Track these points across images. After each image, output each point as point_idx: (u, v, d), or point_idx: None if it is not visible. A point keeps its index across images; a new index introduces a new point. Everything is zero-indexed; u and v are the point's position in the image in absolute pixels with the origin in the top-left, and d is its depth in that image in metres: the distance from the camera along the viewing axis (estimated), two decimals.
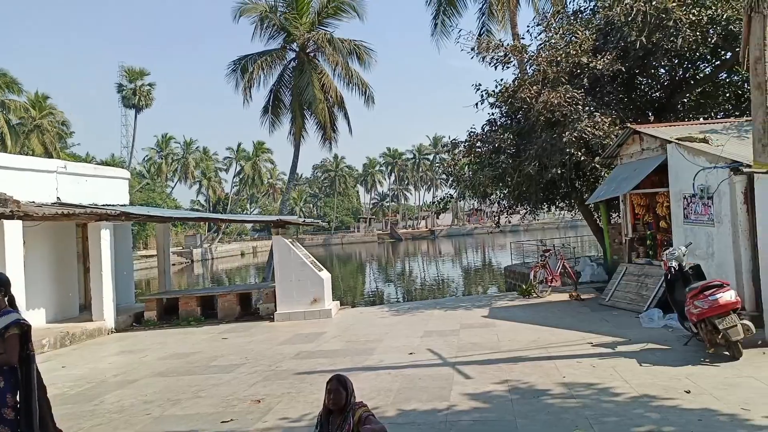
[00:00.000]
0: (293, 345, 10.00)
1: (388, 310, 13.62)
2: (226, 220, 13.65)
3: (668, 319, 9.00)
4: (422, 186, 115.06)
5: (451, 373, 7.23)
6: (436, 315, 12.12)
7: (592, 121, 12.59)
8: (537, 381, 6.57)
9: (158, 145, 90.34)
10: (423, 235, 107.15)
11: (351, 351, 9.11)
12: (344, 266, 55.99)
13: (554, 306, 12.06)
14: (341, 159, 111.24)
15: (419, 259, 57.61)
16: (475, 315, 11.67)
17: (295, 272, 13.39)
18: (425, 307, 13.47)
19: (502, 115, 16.58)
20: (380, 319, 12.20)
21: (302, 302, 13.32)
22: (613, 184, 11.19)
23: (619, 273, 11.62)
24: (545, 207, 19.47)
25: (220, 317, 13.93)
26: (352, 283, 37.91)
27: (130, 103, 73.54)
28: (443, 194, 21.05)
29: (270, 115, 24.85)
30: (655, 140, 10.58)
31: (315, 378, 7.46)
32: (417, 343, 9.27)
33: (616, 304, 11.01)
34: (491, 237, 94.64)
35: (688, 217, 9.57)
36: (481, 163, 15.01)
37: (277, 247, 13.55)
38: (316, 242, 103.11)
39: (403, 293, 29.06)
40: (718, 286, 6.77)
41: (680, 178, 9.73)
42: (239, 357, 9.34)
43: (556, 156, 13.13)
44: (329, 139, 24.12)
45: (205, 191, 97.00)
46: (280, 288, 13.38)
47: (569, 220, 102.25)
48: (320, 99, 22.52)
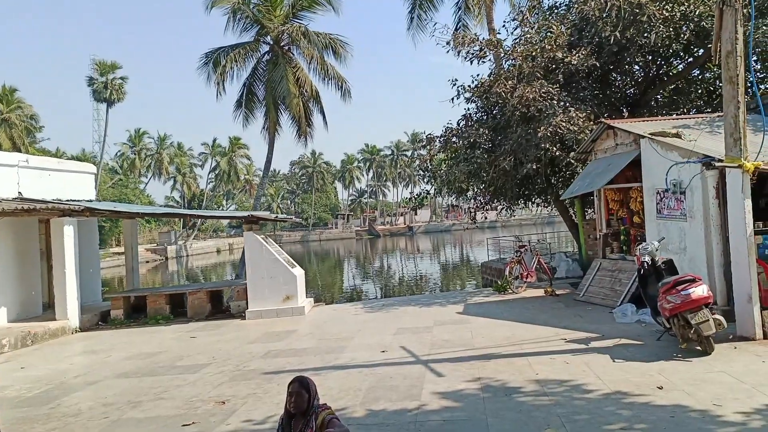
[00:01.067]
0: (263, 344, 9.74)
1: (363, 307, 13.43)
2: (197, 216, 13.27)
3: (641, 314, 8.97)
4: (400, 182, 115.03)
5: (423, 371, 7.07)
6: (410, 312, 11.97)
7: (567, 116, 12.53)
8: (509, 378, 6.44)
9: (131, 140, 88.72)
10: (401, 232, 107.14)
11: (322, 349, 8.89)
12: (322, 263, 55.64)
13: (529, 302, 12.00)
14: (319, 155, 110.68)
15: (397, 255, 57.55)
16: (449, 312, 11.55)
17: (268, 269, 13.11)
18: (400, 304, 13.31)
19: (477, 110, 16.48)
20: (353, 317, 12.01)
21: (274, 300, 13.05)
22: (588, 179, 11.16)
23: (594, 268, 11.61)
24: (521, 203, 19.45)
25: (190, 315, 13.58)
26: (330, 279, 37.64)
27: (102, 97, 71.91)
28: (420, 190, 20.90)
29: (243, 109, 24.42)
30: (628, 135, 10.55)
31: (283, 378, 7.22)
32: (389, 340, 9.10)
33: (591, 300, 10.99)
34: (469, 233, 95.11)
35: (661, 212, 9.56)
36: (457, 158, 14.88)
37: (249, 243, 13.25)
38: (294, 239, 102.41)
39: (380, 290, 28.92)
40: (690, 281, 6.72)
41: (653, 173, 9.71)
42: (206, 356, 9.06)
43: (531, 151, 13.07)
44: (304, 134, 23.79)
45: (179, 187, 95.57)
46: (252, 285, 13.08)
47: (546, 216, 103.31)
48: (295, 93, 22.19)
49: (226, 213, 15.27)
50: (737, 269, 7.33)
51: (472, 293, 14.43)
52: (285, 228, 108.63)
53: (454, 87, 16.18)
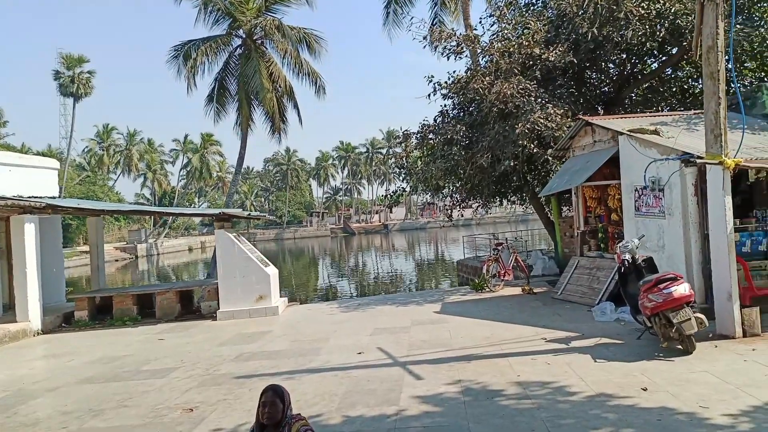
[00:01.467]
0: (234, 346, 9.39)
1: (338, 306, 13.14)
2: (165, 213, 12.76)
3: (620, 312, 8.89)
4: (375, 180, 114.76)
5: (402, 374, 6.83)
6: (387, 311, 11.73)
7: (544, 112, 12.44)
8: (491, 381, 6.24)
9: (99, 136, 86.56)
10: (376, 230, 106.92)
11: (296, 351, 8.59)
12: (297, 261, 55.07)
13: (507, 300, 11.87)
14: (293, 152, 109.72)
15: (372, 253, 57.31)
16: (426, 311, 11.35)
17: (240, 268, 12.72)
18: (376, 303, 13.07)
19: (454, 107, 16.32)
20: (329, 316, 11.72)
21: (247, 300, 12.67)
22: (566, 176, 11.06)
23: (571, 266, 11.53)
24: (497, 201, 19.41)
25: (159, 316, 13.11)
26: (305, 278, 37.19)
27: (68, 91, 69.85)
28: (396, 188, 20.69)
29: (215, 105, 23.83)
30: (606, 132, 10.48)
31: (255, 383, 6.91)
32: (366, 341, 8.84)
33: (569, 298, 10.90)
34: (444, 231, 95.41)
35: (639, 209, 9.50)
36: (433, 155, 14.69)
37: (221, 242, 12.84)
38: (268, 237, 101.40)
39: (355, 288, 28.64)
40: (672, 279, 6.61)
41: (631, 170, 9.65)
42: (174, 360, 8.67)
43: (508, 148, 12.94)
44: (278, 130, 23.33)
45: (150, 184, 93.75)
46: (224, 285, 12.69)
47: (520, 214, 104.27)
48: (268, 88, 21.72)
49: (197, 210, 14.82)
50: (717, 267, 7.27)
51: (449, 292, 14.27)
52: (259, 226, 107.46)
53: (431, 84, 15.99)
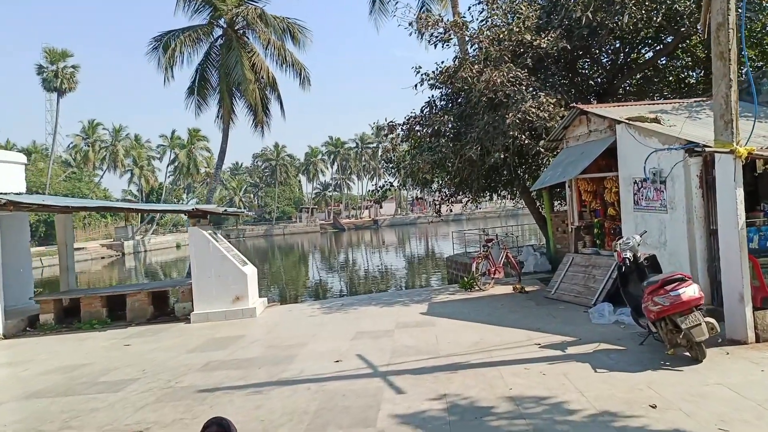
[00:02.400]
0: (204, 353, 8.67)
1: (320, 307, 12.44)
2: (136, 209, 12.03)
3: (619, 314, 8.27)
4: (365, 175, 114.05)
5: (381, 387, 6.15)
6: (371, 313, 11.05)
7: (536, 101, 11.79)
8: (480, 395, 5.58)
9: (84, 132, 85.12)
10: (366, 225, 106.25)
11: (269, 359, 7.89)
12: (286, 257, 54.32)
13: (497, 300, 11.23)
14: (282, 148, 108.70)
15: (362, 249, 56.61)
16: (412, 312, 10.68)
17: (215, 267, 12.00)
18: (360, 304, 12.38)
19: (442, 97, 15.64)
20: (309, 318, 11.02)
21: (223, 301, 11.95)
22: (559, 168, 10.42)
23: (565, 264, 10.91)
24: (487, 195, 18.79)
25: (130, 319, 12.35)
26: (293, 274, 36.44)
27: (52, 86, 68.53)
28: (384, 182, 20.03)
29: (196, 97, 22.98)
30: (603, 121, 9.84)
31: (218, 398, 6.21)
32: (346, 347, 8.15)
33: (563, 297, 10.28)
34: (434, 226, 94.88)
35: (638, 203, 8.87)
36: (420, 147, 14.01)
37: (194, 239, 12.10)
38: (257, 233, 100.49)
39: (342, 286, 27.94)
40: (679, 280, 5.98)
41: (630, 162, 9.02)
42: (136, 369, 7.94)
43: (498, 139, 12.28)
44: (261, 123, 22.53)
45: (137, 180, 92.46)
46: (198, 285, 11.96)
47: (510, 209, 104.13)
48: (250, 79, 20.92)
49: (169, 207, 14.09)
50: (727, 265, 6.64)
51: (437, 290, 13.61)
52: (248, 222, 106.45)
53: (418, 74, 15.30)
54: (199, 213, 12.19)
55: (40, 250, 56.86)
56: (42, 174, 65.69)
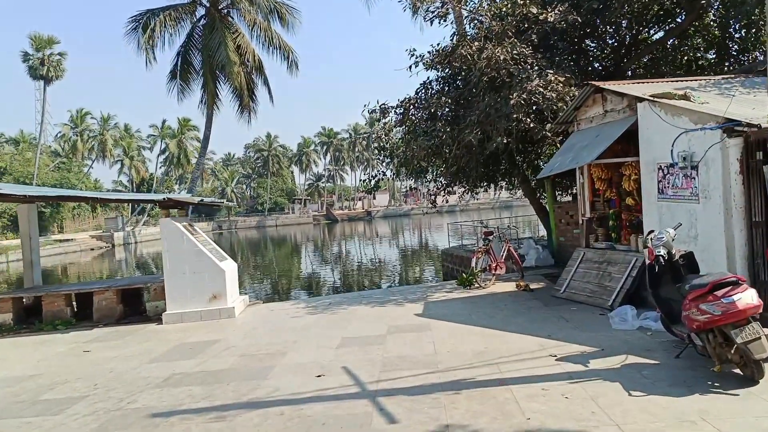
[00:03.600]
0: (169, 362, 7.58)
1: (305, 306, 11.36)
2: (101, 199, 10.87)
3: (644, 319, 7.24)
4: (359, 166, 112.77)
5: (369, 412, 5.09)
6: (361, 313, 9.98)
7: (543, 80, 10.71)
8: (491, 427, 4.52)
9: (72, 121, 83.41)
10: (359, 216, 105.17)
11: (241, 372, 6.81)
12: (278, 249, 53.25)
13: (500, 299, 10.19)
14: (274, 138, 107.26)
15: (355, 241, 55.53)
16: (407, 313, 9.62)
17: (190, 263, 10.89)
18: (349, 302, 11.31)
19: (438, 80, 14.53)
20: (292, 320, 9.94)
21: (198, 300, 10.86)
22: (570, 154, 9.34)
23: (576, 259, 9.86)
24: (485, 185, 17.74)
25: (97, 319, 11.24)
26: (284, 266, 35.36)
27: (38, 73, 66.85)
28: (376, 172, 18.94)
29: (179, 81, 21.76)
30: (621, 99, 8.76)
31: (173, 425, 5.14)
32: (330, 357, 7.08)
33: (574, 297, 9.24)
34: (428, 217, 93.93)
35: (663, 191, 7.82)
36: (415, 132, 12.90)
37: (167, 232, 10.97)
38: (249, 224, 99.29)
39: (333, 280, 26.89)
40: (733, 284, 4.93)
41: (654, 145, 7.95)
42: (88, 384, 6.84)
43: (500, 122, 11.19)
44: (247, 108, 21.34)
45: (127, 171, 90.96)
46: (171, 283, 10.85)
47: (505, 200, 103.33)
48: (235, 61, 19.70)
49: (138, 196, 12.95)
50: None
51: (433, 288, 12.56)
52: (240, 213, 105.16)
53: (412, 57, 14.17)
54: (171, 203, 11.06)
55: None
56: (29, 164, 64.16)
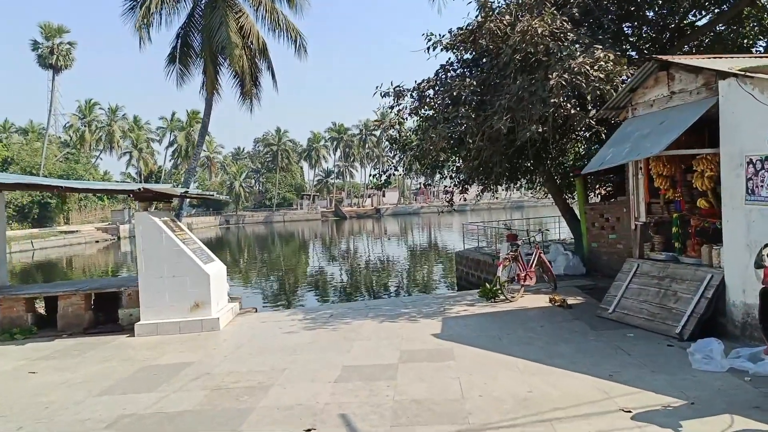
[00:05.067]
0: (123, 395, 5.99)
1: (302, 318, 9.75)
2: (69, 188, 9.31)
3: (735, 357, 5.55)
4: (369, 163, 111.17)
5: None
6: (367, 331, 8.35)
7: (590, 57, 9.01)
8: None
9: (81, 111, 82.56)
10: (368, 214, 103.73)
11: (207, 417, 5.21)
12: (285, 245, 51.87)
13: (534, 317, 8.53)
14: (284, 132, 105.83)
15: (363, 239, 53.95)
16: (422, 332, 7.99)
17: (169, 265, 9.33)
18: (353, 315, 9.69)
19: (459, 63, 12.85)
20: (285, 336, 8.34)
21: (178, 308, 9.30)
22: (626, 144, 7.64)
23: (627, 272, 8.16)
24: (508, 182, 16.07)
25: (61, 328, 9.72)
26: (288, 264, 33.89)
27: (47, 62, 66.16)
28: (387, 166, 17.32)
29: (178, 65, 20.23)
30: (695, 77, 7.06)
31: None
32: (325, 397, 5.46)
33: (627, 320, 7.56)
34: (438, 217, 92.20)
35: (755, 192, 6.12)
36: (434, 118, 11.24)
37: (143, 228, 9.41)
38: (257, 219, 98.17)
39: (338, 282, 25.34)
40: None
41: (743, 133, 6.26)
42: (9, 426, 5.28)
43: (535, 108, 9.48)
44: (250, 95, 19.76)
45: (135, 163, 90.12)
46: (146, 288, 9.30)
47: (516, 201, 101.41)
48: (236, 43, 18.12)
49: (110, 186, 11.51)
50: None
51: (451, 299, 10.91)
52: (248, 208, 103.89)
53: (430, 41, 12.51)
54: (150, 194, 9.48)
55: (32, 232, 54.64)
56: (37, 154, 63.24)
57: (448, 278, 22.79)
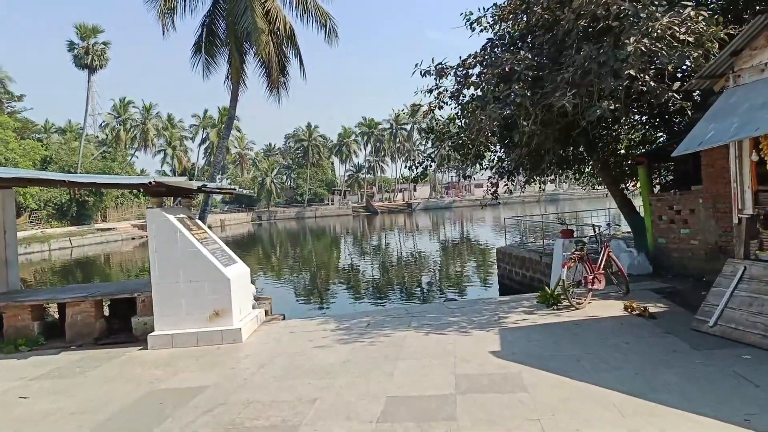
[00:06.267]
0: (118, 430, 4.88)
1: (335, 328, 8.54)
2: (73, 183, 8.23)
3: None
4: (399, 157, 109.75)
5: None
6: (411, 346, 7.07)
7: (677, 17, 7.51)
8: None
9: (116, 110, 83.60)
10: (399, 209, 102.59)
11: None
12: (317, 241, 51.08)
13: (612, 330, 7.11)
14: (314, 128, 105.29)
15: (396, 234, 52.70)
16: (478, 348, 6.67)
17: (185, 268, 8.24)
18: (393, 324, 8.43)
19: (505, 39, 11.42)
20: (316, 352, 7.13)
21: (195, 317, 8.21)
22: (732, 119, 6.16)
23: (730, 276, 6.67)
24: (561, 172, 14.60)
25: (70, 338, 8.75)
26: (322, 259, 32.90)
27: (83, 62, 66.92)
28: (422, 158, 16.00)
29: (204, 55, 19.25)
30: None
31: None
32: None
33: (734, 335, 6.10)
34: (469, 211, 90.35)
35: None
36: (482, 98, 9.85)
37: (155, 227, 8.34)
38: (289, 215, 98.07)
39: (372, 282, 24.16)
40: None
41: None
42: None
43: (606, 81, 8.03)
44: (276, 85, 18.65)
45: (170, 161, 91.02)
46: (160, 294, 8.24)
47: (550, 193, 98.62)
48: (263, 29, 17.00)
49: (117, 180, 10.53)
50: None
51: (504, 305, 9.53)
52: (280, 204, 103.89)
53: (469, 22, 11.16)
54: (163, 189, 8.38)
55: (71, 230, 55.31)
56: (74, 153, 64.04)
57: (488, 276, 21.36)
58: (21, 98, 68.59)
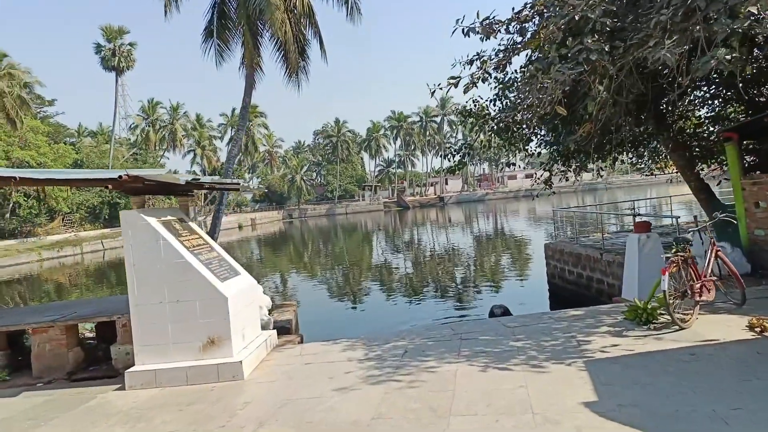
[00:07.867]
0: None
1: (364, 356, 6.63)
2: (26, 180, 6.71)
3: None
4: (430, 151, 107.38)
5: None
6: (465, 391, 5.09)
7: None
8: None
9: (144, 111, 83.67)
10: (431, 203, 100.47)
11: None
12: (348, 238, 49.52)
13: (747, 363, 5.02)
14: (343, 123, 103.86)
15: (428, 230, 50.63)
16: (563, 396, 4.67)
17: (171, 285, 6.46)
18: (438, 351, 6.47)
19: None
20: (336, 398, 5.24)
21: (186, 346, 6.43)
22: None
23: None
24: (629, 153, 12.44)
25: (37, 374, 7.09)
26: (354, 258, 31.18)
27: (109, 64, 66.93)
28: (459, 145, 14.03)
29: (215, 40, 17.56)
30: None
31: None
32: None
33: None
34: (503, 203, 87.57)
35: None
36: (543, 59, 7.78)
37: (131, 234, 6.58)
38: (319, 212, 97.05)
39: (406, 287, 22.23)
40: None
41: None
42: None
43: (719, 23, 5.88)
44: (295, 70, 16.81)
45: (199, 161, 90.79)
46: (140, 318, 6.48)
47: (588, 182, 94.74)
48: (277, 5, 15.19)
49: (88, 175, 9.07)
50: None
51: (579, 320, 7.44)
52: (310, 201, 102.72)
53: None
54: (139, 185, 6.57)
55: (103, 232, 55.13)
56: (105, 155, 64.03)
57: (534, 274, 19.18)
58: (52, 103, 69.00)
